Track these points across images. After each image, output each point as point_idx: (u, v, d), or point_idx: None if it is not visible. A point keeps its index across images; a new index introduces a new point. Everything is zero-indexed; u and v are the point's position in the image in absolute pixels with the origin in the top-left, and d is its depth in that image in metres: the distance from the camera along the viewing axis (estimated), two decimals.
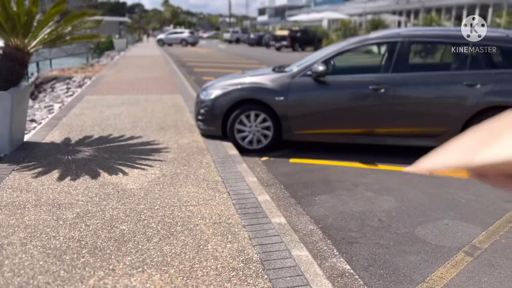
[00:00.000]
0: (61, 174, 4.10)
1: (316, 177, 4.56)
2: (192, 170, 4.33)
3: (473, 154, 0.39)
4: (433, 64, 5.84)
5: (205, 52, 31.55)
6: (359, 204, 3.84)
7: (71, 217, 3.19)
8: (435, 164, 0.45)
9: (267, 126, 5.35)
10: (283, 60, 22.11)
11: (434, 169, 0.45)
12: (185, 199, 3.59)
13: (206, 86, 5.96)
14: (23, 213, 3.23)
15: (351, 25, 35.74)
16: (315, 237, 3.23)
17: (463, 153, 0.40)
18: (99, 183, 3.89)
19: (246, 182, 4.03)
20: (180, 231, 3.01)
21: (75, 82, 11.32)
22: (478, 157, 0.38)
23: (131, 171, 4.25)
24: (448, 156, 0.43)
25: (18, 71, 4.76)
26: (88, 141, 5.30)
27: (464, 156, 0.40)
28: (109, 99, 8.48)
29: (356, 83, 5.08)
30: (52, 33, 4.83)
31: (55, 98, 8.94)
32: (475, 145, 0.40)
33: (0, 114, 4.53)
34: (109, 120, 6.49)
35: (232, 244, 2.84)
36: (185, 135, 5.75)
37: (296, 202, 3.89)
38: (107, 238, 2.88)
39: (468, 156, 0.39)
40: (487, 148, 0.38)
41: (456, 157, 0.41)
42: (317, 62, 5.13)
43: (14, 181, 3.87)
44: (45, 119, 6.72)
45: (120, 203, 3.47)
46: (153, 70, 14.80)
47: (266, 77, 5.48)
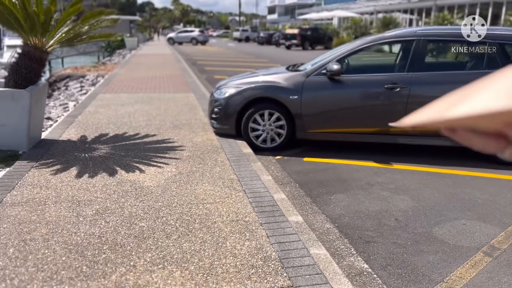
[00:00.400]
0: (79, 171, 4.16)
1: (331, 176, 4.56)
2: (208, 168, 4.36)
3: (447, 109, 0.44)
4: (449, 63, 5.80)
5: (215, 51, 31.63)
6: (375, 203, 3.83)
7: (91, 213, 3.24)
8: (415, 119, 0.50)
9: (281, 124, 5.36)
10: (293, 59, 22.08)
11: (415, 124, 0.50)
12: (202, 197, 3.62)
13: (220, 85, 5.98)
14: (44, 210, 3.28)
15: (362, 23, 35.55)
16: (331, 236, 3.24)
17: (439, 110, 0.45)
18: (116, 180, 3.94)
19: (262, 180, 4.05)
20: (198, 229, 3.04)
21: (88, 81, 11.43)
22: (449, 112, 0.43)
23: (147, 168, 4.29)
24: (427, 112, 0.48)
25: (37, 69, 4.83)
26: (104, 139, 5.36)
27: (439, 112, 0.45)
28: (123, 97, 8.55)
29: (371, 82, 5.07)
30: (70, 32, 4.89)
31: (70, 96, 9.04)
32: (450, 102, 0.45)
33: (19, 112, 4.61)
34: (123, 118, 6.55)
35: (250, 242, 2.86)
36: (199, 134, 5.78)
37: (312, 201, 3.90)
38: (127, 235, 2.92)
39: (442, 111, 0.45)
40: (460, 104, 0.42)
41: (433, 113, 0.47)
42: (332, 61, 5.13)
43: (33, 178, 3.94)
44: (61, 117, 6.81)
45: (138, 200, 3.51)
46: (165, 68, 14.88)
47: (280, 75, 5.49)
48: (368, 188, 4.20)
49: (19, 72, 4.73)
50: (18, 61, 4.77)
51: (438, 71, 5.16)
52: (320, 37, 35.21)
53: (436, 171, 4.67)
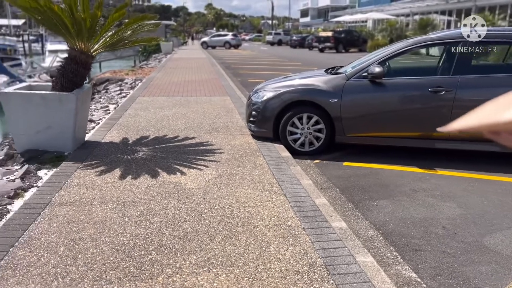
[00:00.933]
0: (122, 172, 4.25)
1: (372, 181, 4.46)
2: (247, 172, 4.36)
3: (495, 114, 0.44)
4: (496, 66, 5.58)
5: (248, 54, 31.80)
6: (421, 210, 3.72)
7: (136, 214, 3.29)
8: (462, 124, 0.51)
9: (320, 128, 5.29)
10: (327, 62, 21.89)
11: (462, 129, 0.51)
12: (243, 200, 3.62)
13: (257, 89, 5.98)
14: (90, 210, 3.36)
15: (397, 26, 34.83)
16: (376, 243, 3.16)
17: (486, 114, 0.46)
18: (159, 182, 4.00)
19: (302, 184, 4.00)
20: (241, 232, 3.03)
21: (127, 84, 11.73)
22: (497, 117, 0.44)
23: (188, 171, 4.33)
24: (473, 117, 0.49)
25: (82, 73, 4.98)
26: (145, 141, 5.47)
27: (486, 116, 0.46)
28: (161, 100, 8.71)
29: (415, 85, 4.94)
30: (114, 36, 5.02)
31: (110, 99, 9.29)
32: (497, 107, 0.46)
33: (66, 114, 4.76)
34: (163, 121, 6.66)
35: (294, 247, 2.82)
36: (236, 137, 5.80)
37: (354, 207, 3.82)
38: (172, 236, 2.95)
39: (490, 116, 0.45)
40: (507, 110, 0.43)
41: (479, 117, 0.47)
42: (373, 64, 5.03)
43: (79, 179, 4.05)
44: (103, 119, 7.00)
45: (181, 202, 3.55)
46: (200, 72, 15.07)
47: (320, 78, 5.44)
48: (413, 194, 4.08)
49: (66, 76, 4.89)
50: (65, 65, 4.93)
51: (485, 74, 4.96)
52: (354, 39, 34.78)
53: (483, 178, 4.49)
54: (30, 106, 4.71)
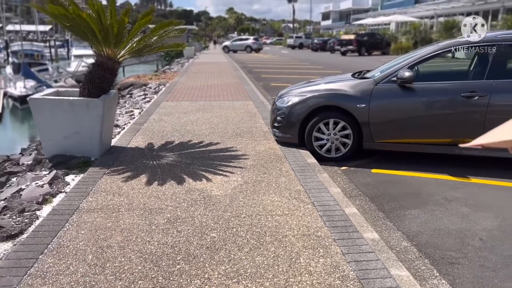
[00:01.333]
0: (148, 178, 4.24)
1: (403, 189, 4.32)
2: (273, 178, 4.29)
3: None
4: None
5: (270, 58, 31.79)
6: (455, 221, 3.57)
7: (163, 222, 3.26)
8: (487, 140, 0.48)
9: (347, 134, 5.18)
10: (349, 65, 21.65)
11: (486, 144, 0.49)
12: (269, 208, 3.55)
13: (282, 94, 5.92)
14: (117, 217, 3.35)
15: (422, 28, 34.23)
16: (410, 255, 3.03)
17: None
18: (185, 188, 3.97)
19: (330, 193, 3.91)
20: (269, 242, 2.96)
21: (151, 89, 11.83)
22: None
23: (214, 177, 4.29)
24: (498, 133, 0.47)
25: (109, 79, 5.02)
26: (170, 147, 5.46)
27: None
28: (184, 105, 8.73)
29: (446, 90, 4.78)
30: (140, 42, 5.04)
31: (134, 104, 9.38)
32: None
33: (93, 120, 4.79)
34: (187, 126, 6.66)
35: (325, 259, 2.73)
36: (260, 142, 5.74)
37: (385, 216, 3.70)
38: (199, 245, 2.90)
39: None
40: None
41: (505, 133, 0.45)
42: (403, 68, 4.89)
43: (106, 185, 4.06)
44: (128, 124, 7.05)
45: (208, 209, 3.50)
46: (223, 76, 15.11)
47: (347, 83, 5.33)
48: (446, 203, 3.93)
49: (93, 82, 4.93)
50: (92, 71, 4.98)
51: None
52: (378, 42, 34.38)
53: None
54: (58, 111, 4.76)
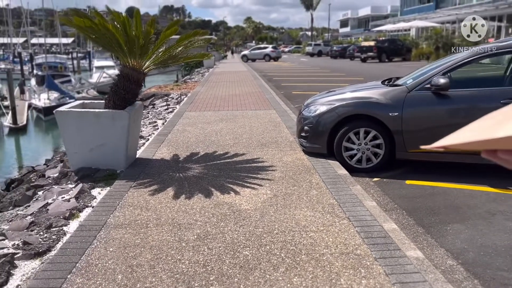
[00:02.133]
0: (175, 192, 4.13)
1: (441, 202, 4.10)
2: (304, 191, 4.13)
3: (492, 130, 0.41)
4: None
5: (289, 66, 31.69)
6: (502, 236, 3.33)
7: (193, 238, 3.13)
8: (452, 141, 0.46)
9: (378, 144, 4.99)
10: (371, 72, 21.36)
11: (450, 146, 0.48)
12: (303, 224, 3.38)
13: (308, 103, 5.77)
14: (146, 233, 3.24)
15: (444, 33, 33.63)
16: (458, 275, 2.82)
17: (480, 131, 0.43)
18: (213, 202, 3.84)
19: (365, 206, 3.72)
20: (306, 261, 2.79)
21: (173, 99, 11.83)
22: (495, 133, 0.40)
23: (242, 190, 4.16)
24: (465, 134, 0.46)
25: (134, 90, 4.96)
26: (195, 158, 5.36)
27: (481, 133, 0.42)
28: (207, 115, 8.66)
29: (484, 97, 4.55)
30: (165, 53, 4.98)
31: (157, 115, 9.36)
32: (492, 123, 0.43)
33: (118, 131, 4.73)
34: (211, 137, 6.56)
35: (367, 281, 2.55)
36: (287, 152, 5.59)
37: (425, 232, 3.49)
38: (232, 264, 2.76)
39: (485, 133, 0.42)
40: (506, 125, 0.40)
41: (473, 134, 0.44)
42: (437, 75, 4.69)
43: (133, 199, 3.96)
44: (152, 135, 7.00)
45: (238, 225, 3.36)
46: (243, 85, 15.05)
47: (377, 91, 5.15)
48: (489, 217, 3.70)
49: (118, 93, 4.88)
50: (117, 82, 4.93)
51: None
52: (398, 48, 33.94)
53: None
54: (84, 124, 4.71)
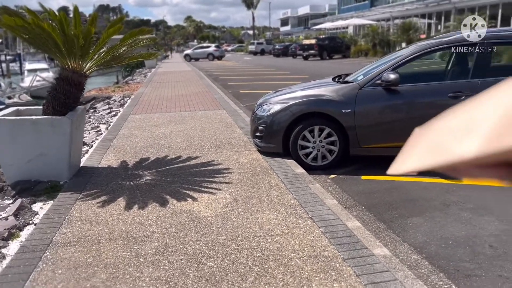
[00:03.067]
0: (127, 202, 3.85)
1: (398, 196, 4.16)
2: (264, 193, 4.01)
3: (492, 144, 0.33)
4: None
5: (233, 65, 31.57)
6: (459, 227, 3.42)
7: (151, 253, 2.91)
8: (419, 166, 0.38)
9: (332, 141, 5.00)
10: (315, 69, 21.77)
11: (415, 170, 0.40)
12: (267, 228, 3.26)
13: (261, 102, 5.67)
14: (99, 250, 2.97)
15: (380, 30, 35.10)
16: (423, 269, 2.84)
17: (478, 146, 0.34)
18: (170, 211, 3.62)
19: (327, 205, 3.67)
20: (274, 268, 2.67)
21: (115, 102, 11.28)
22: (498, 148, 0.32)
23: (199, 196, 3.97)
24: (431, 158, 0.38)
25: (75, 94, 4.59)
26: (146, 164, 5.08)
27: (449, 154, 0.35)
28: (154, 117, 8.31)
29: (432, 91, 4.68)
30: (109, 53, 4.65)
31: (100, 119, 8.85)
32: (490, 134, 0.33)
33: (60, 139, 4.35)
34: (161, 140, 6.27)
35: (339, 283, 2.48)
36: (242, 153, 5.45)
37: (387, 227, 3.50)
38: (197, 278, 2.58)
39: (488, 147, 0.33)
40: None
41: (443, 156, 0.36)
42: (387, 70, 4.76)
43: (81, 212, 3.64)
44: (95, 141, 6.57)
45: (199, 234, 3.18)
46: (189, 85, 14.71)
47: (329, 88, 5.15)
48: (445, 209, 3.79)
49: (58, 98, 4.49)
50: (56, 86, 4.54)
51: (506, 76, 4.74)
52: (338, 46, 34.93)
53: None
54: (20, 132, 4.29)
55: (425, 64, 6.87)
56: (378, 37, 33.86)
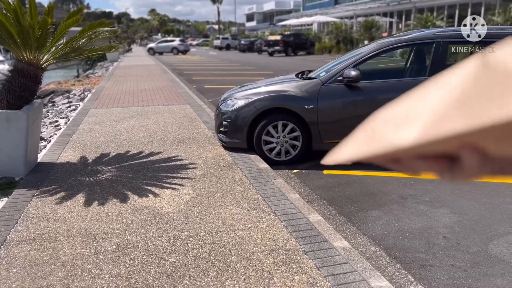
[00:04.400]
0: (87, 198, 3.76)
1: (358, 190, 4.27)
2: (227, 188, 4.02)
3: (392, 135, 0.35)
4: None
5: (198, 60, 31.27)
6: (415, 219, 3.55)
7: (111, 249, 2.86)
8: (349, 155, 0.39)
9: (296, 136, 5.06)
10: (280, 65, 21.91)
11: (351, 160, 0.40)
12: (230, 222, 3.27)
13: (225, 97, 5.65)
14: (56, 247, 2.88)
15: (343, 28, 35.72)
16: (381, 261, 2.93)
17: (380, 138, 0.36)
18: (131, 207, 3.56)
19: (289, 199, 3.72)
20: (237, 262, 2.69)
21: (75, 96, 10.92)
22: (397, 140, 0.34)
23: (162, 191, 3.92)
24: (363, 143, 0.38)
25: (32, 87, 4.42)
26: (106, 160, 4.96)
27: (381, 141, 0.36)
28: (116, 112, 8.12)
29: (392, 88, 4.82)
30: (67, 45, 4.49)
31: (59, 113, 8.54)
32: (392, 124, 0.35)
33: (15, 134, 4.18)
34: (122, 135, 6.14)
35: (300, 276, 2.53)
36: (206, 149, 5.43)
37: (347, 220, 3.59)
38: (158, 274, 2.55)
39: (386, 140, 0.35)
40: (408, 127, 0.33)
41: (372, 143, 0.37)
42: (348, 67, 4.86)
43: (37, 209, 3.52)
44: (54, 136, 6.35)
45: (161, 230, 3.14)
46: (153, 79, 14.45)
47: (292, 84, 5.21)
48: (402, 202, 3.92)
49: (13, 91, 4.31)
50: (11, 79, 4.35)
51: None
52: (303, 42, 35.25)
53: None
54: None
55: (386, 62, 7.06)
56: (341, 34, 34.43)
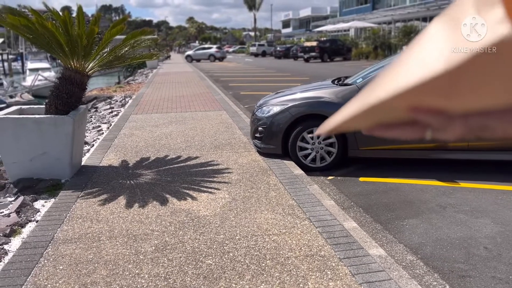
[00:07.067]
0: (128, 200, 3.91)
1: (395, 197, 4.21)
2: (262, 193, 4.07)
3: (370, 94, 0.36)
4: None
5: (235, 66, 31.64)
6: (455, 229, 3.46)
7: (150, 250, 2.96)
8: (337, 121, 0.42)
9: (331, 142, 5.05)
10: (316, 71, 21.83)
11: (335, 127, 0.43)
12: (265, 227, 3.32)
13: (261, 104, 5.72)
14: (99, 247, 3.02)
15: (381, 33, 35.17)
16: (418, 270, 2.88)
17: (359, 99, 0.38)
18: (170, 210, 3.67)
19: (324, 206, 3.72)
20: (271, 266, 2.73)
21: (117, 102, 11.34)
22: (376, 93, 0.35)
23: (199, 195, 4.02)
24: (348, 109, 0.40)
25: (77, 94, 4.65)
26: (146, 163, 5.13)
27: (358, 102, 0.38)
28: (155, 118, 8.37)
29: None
30: (111, 53, 4.71)
31: (101, 119, 8.91)
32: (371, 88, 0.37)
33: (62, 139, 4.41)
34: (161, 140, 6.33)
35: (335, 282, 2.53)
36: (242, 154, 5.51)
37: (383, 228, 3.55)
38: (195, 275, 2.63)
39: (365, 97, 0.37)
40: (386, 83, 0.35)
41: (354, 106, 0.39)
42: None
43: (82, 210, 3.70)
44: (97, 140, 6.63)
45: (198, 232, 3.23)
46: (190, 86, 14.77)
47: (328, 90, 5.20)
48: (441, 211, 3.84)
49: (60, 97, 4.55)
50: (59, 86, 4.59)
51: None
52: (339, 48, 34.96)
53: (510, 189, 4.27)
54: (23, 131, 4.34)
55: None
56: (379, 40, 33.94)
